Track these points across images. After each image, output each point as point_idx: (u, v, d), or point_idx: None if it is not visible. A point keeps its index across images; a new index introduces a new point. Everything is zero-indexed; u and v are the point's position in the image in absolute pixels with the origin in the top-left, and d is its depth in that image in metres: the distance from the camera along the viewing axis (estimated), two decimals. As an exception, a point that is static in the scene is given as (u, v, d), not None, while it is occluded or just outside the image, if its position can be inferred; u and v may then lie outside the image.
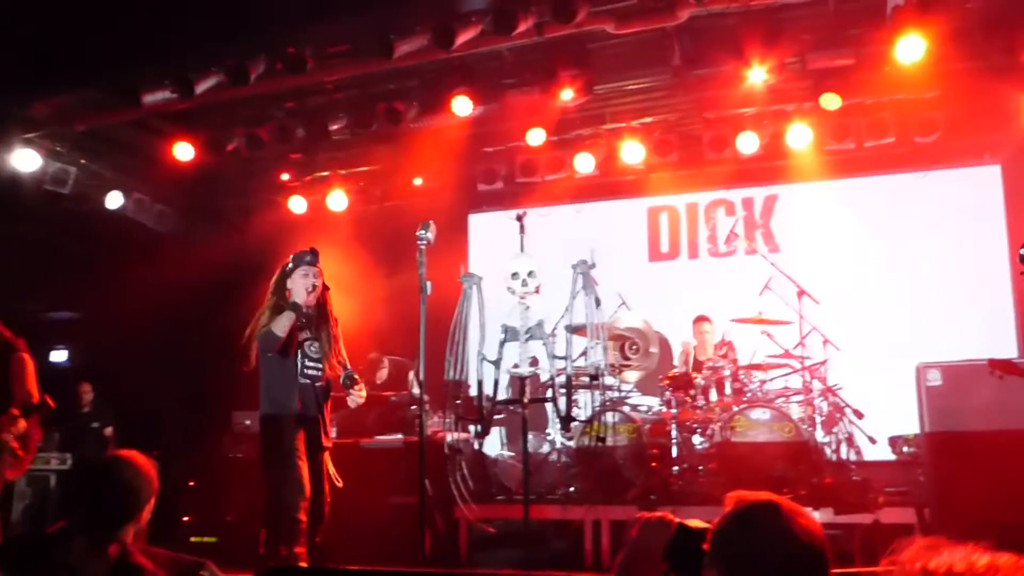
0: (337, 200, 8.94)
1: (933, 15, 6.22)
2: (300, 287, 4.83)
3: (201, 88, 6.88)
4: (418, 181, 8.83)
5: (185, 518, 7.54)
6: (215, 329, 8.53)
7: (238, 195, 9.01)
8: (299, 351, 4.83)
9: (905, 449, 6.73)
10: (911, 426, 6.37)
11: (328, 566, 4.87)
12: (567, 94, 7.08)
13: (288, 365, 4.82)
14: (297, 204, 9.00)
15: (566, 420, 4.66)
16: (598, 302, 4.62)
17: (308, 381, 4.87)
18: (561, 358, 4.80)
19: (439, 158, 8.21)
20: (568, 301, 4.79)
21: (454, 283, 5.42)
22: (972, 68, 6.80)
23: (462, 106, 7.17)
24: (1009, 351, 7.37)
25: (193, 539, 7.15)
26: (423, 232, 4.64)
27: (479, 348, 4.72)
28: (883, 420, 6.97)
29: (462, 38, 6.40)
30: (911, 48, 6.33)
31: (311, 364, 4.89)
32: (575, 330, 4.88)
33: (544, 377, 5.53)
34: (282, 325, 4.72)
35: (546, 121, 7.82)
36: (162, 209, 8.90)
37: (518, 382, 4.78)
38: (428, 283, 4.54)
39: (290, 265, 4.94)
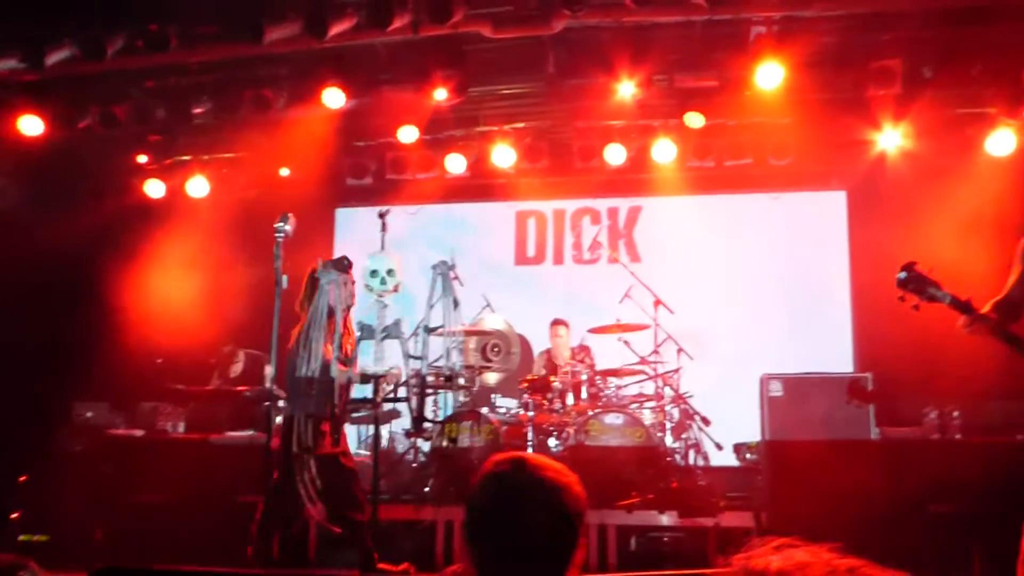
0: (198, 186, 8.61)
1: (791, 45, 6.56)
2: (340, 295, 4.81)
3: (53, 60, 6.49)
4: (284, 172, 8.60)
5: (13, 515, 7.08)
6: (56, 316, 8.07)
7: (90, 176, 8.52)
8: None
9: (748, 456, 7.05)
10: (755, 434, 6.70)
11: (160, 567, 4.66)
12: (441, 94, 7.07)
13: None
14: (155, 188, 8.61)
15: (417, 421, 4.63)
16: (456, 304, 4.61)
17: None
18: (417, 358, 4.78)
19: (307, 149, 8.03)
20: (427, 302, 4.76)
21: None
22: (824, 99, 7.21)
23: (333, 98, 7.05)
24: (845, 365, 7.86)
25: (22, 537, 6.72)
26: (281, 224, 4.52)
27: (335, 344, 4.64)
28: (730, 427, 7.28)
29: (335, 29, 6.29)
30: (770, 75, 6.65)
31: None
32: (432, 331, 4.86)
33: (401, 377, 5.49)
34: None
35: (419, 119, 7.78)
36: (3, 183, 8.32)
37: (372, 381, 4.71)
38: (284, 277, 4.43)
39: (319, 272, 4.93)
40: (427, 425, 4.98)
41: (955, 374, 5.74)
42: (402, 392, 5.13)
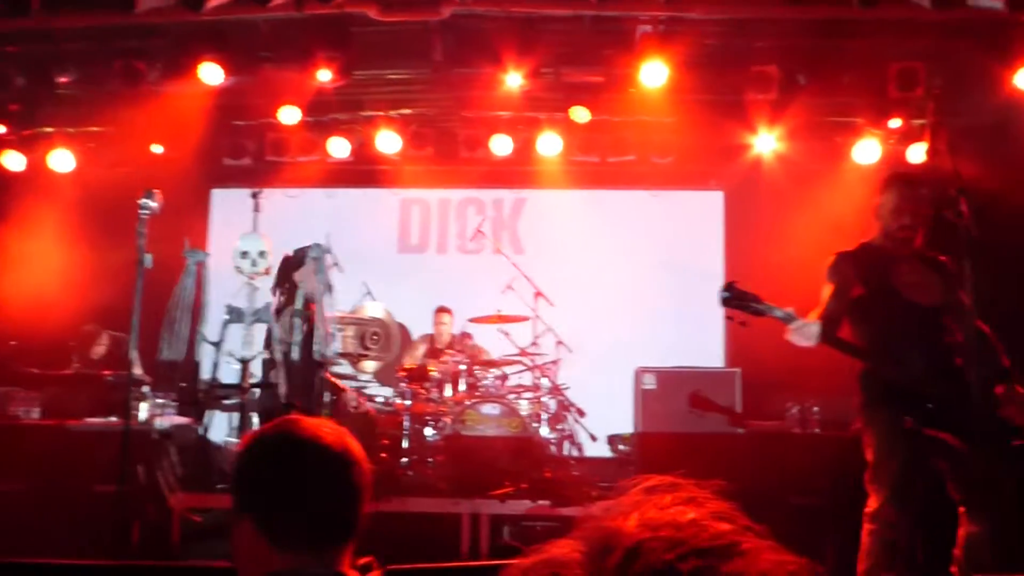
0: (61, 160, 8.12)
1: (675, 45, 6.70)
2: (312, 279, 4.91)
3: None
4: (157, 148, 8.22)
5: None
6: None
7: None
8: None
9: (621, 447, 7.18)
10: (629, 426, 6.83)
11: (12, 560, 4.38)
12: (324, 75, 6.89)
13: None
14: (13, 160, 8.08)
15: (286, 408, 4.50)
16: (330, 288, 4.50)
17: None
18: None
19: (182, 126, 7.69)
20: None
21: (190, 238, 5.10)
22: (705, 100, 7.39)
23: (210, 74, 6.77)
24: (716, 360, 8.10)
25: None
26: (146, 201, 4.30)
27: (199, 328, 4.45)
28: (605, 419, 7.39)
29: (214, 1, 6.05)
30: (654, 73, 6.77)
31: None
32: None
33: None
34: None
35: (301, 100, 7.57)
36: None
37: (241, 366, 4.54)
38: (148, 256, 4.21)
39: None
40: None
41: (816, 371, 5.97)
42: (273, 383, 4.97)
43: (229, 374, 4.90)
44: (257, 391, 4.86)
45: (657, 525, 0.64)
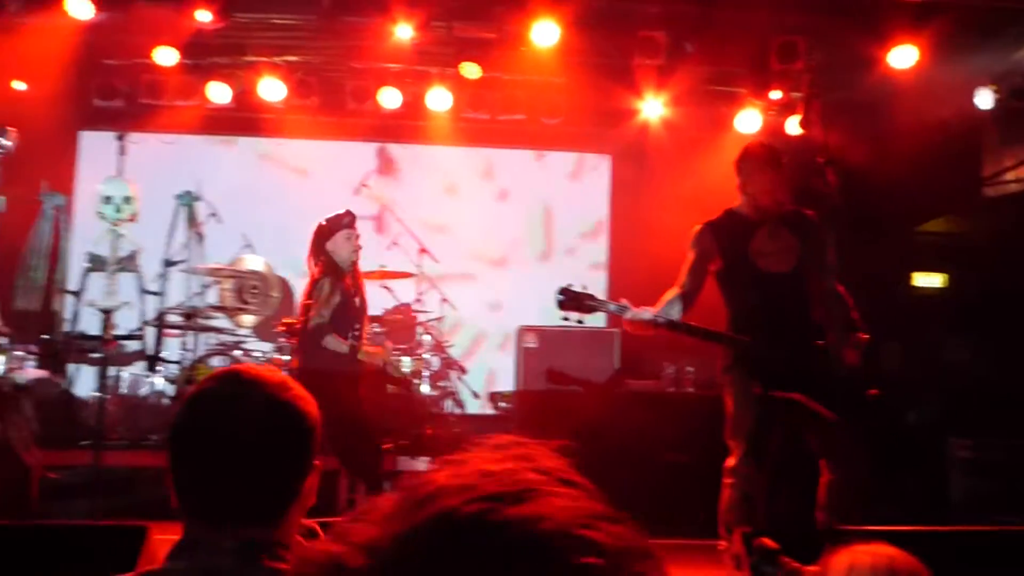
0: (-91, 92, 7.51)
1: (566, 4, 6.67)
2: (345, 249, 4.87)
3: None
4: (19, 85, 7.69)
5: None
6: None
7: None
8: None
9: (502, 404, 7.25)
10: (511, 383, 6.90)
11: None
12: (204, 15, 6.56)
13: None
14: None
15: (152, 360, 4.32)
16: (201, 237, 4.32)
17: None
18: (154, 294, 4.44)
19: (47, 62, 7.20)
20: (167, 234, 4.43)
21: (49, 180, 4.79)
22: (595, 63, 7.41)
23: (78, 7, 6.36)
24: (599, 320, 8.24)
25: None
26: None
27: (57, 276, 4.20)
28: (488, 377, 7.44)
29: (82, -72, 5.66)
30: (545, 32, 6.73)
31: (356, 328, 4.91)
32: (172, 264, 4.54)
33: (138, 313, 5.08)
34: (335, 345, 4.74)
35: (178, 41, 7.19)
36: None
37: (103, 316, 4.32)
38: (2, 199, 3.93)
39: (329, 225, 4.95)
40: (165, 366, 4.65)
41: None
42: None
43: (89, 325, 4.66)
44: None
45: (464, 475, 0.63)
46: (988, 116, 7.12)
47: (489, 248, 8.55)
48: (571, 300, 3.62)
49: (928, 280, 8.01)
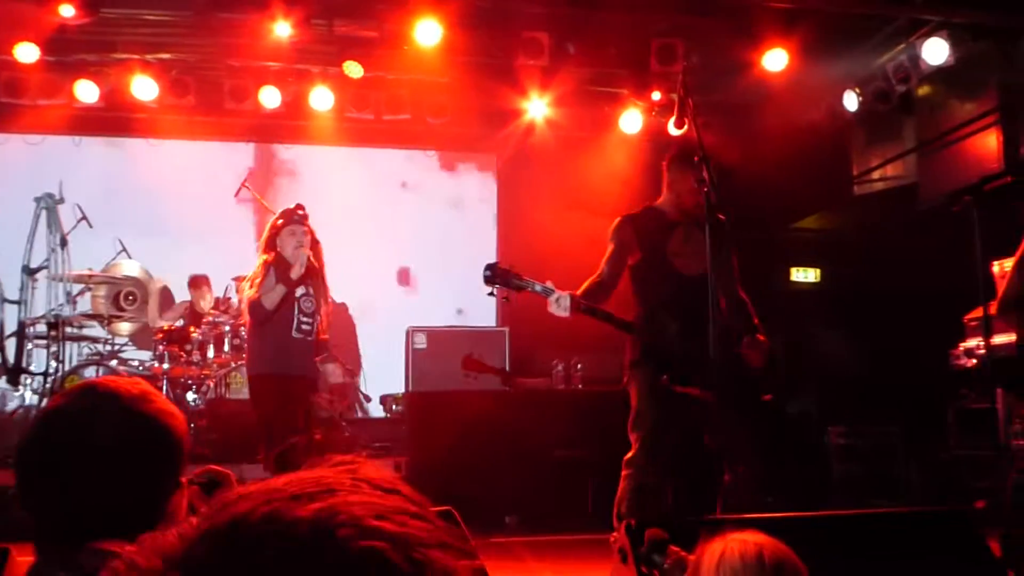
0: None
1: (446, 4, 6.65)
2: (289, 244, 4.91)
3: None
4: None
5: None
6: None
7: None
8: (295, 306, 4.91)
9: (395, 407, 7.18)
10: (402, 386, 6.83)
11: None
12: (67, 10, 6.26)
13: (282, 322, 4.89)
14: None
15: (14, 372, 4.07)
16: (64, 242, 4.10)
17: (301, 336, 4.95)
18: (13, 302, 4.19)
19: None
20: (27, 239, 4.19)
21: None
22: (480, 62, 7.42)
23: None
24: (490, 319, 8.26)
25: None
26: None
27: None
28: (380, 380, 7.35)
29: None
30: (428, 32, 6.70)
31: (305, 320, 4.97)
32: (32, 272, 4.29)
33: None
34: (272, 300, 4.78)
35: (40, 37, 6.82)
36: None
37: None
38: None
39: (280, 221, 5.06)
40: (32, 379, 4.39)
41: (581, 330, 6.22)
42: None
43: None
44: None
45: (268, 486, 0.62)
46: (854, 118, 7.48)
47: (377, 249, 8.45)
48: (497, 276, 3.61)
49: (804, 275, 8.37)
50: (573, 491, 5.81)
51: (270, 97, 7.59)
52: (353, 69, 7.21)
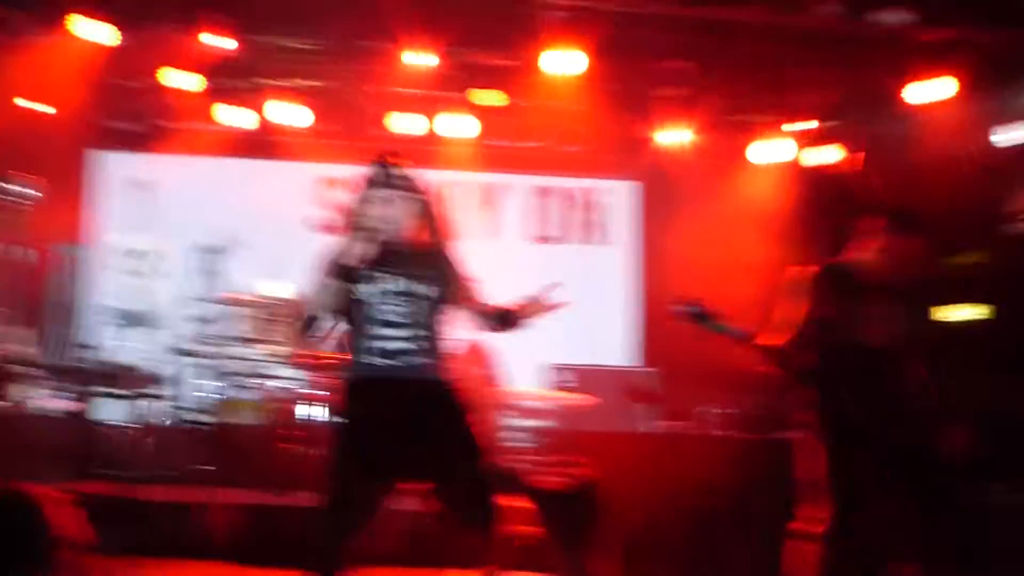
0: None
1: (588, 32, 6.58)
2: (376, 217, 3.14)
3: None
4: (31, 104, 7.56)
5: None
6: None
7: None
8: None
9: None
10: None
11: None
12: (219, 39, 6.50)
13: None
14: None
15: (182, 420, 4.18)
16: (236, 302, 4.18)
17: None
18: (184, 353, 4.31)
19: (59, 81, 7.07)
20: (192, 285, 4.31)
21: (70, 226, 4.68)
22: (617, 90, 7.30)
23: (90, 29, 6.28)
24: (622, 357, 8.08)
25: None
26: (9, 186, 3.82)
27: (75, 328, 4.08)
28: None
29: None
30: (566, 60, 6.66)
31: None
32: (198, 317, 4.42)
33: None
34: (323, 302, 3.17)
35: (195, 64, 7.09)
36: None
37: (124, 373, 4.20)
38: (19, 248, 3.80)
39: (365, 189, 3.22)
40: (192, 408, 4.53)
41: (728, 371, 6.00)
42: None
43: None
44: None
45: None
46: (1017, 152, 7.02)
47: (514, 279, 8.36)
48: (691, 314, 3.44)
49: (961, 313, 7.84)
50: (712, 542, 5.60)
51: (410, 124, 7.68)
52: (490, 98, 7.24)
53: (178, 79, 7.15)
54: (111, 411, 6.70)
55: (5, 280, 3.77)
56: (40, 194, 3.88)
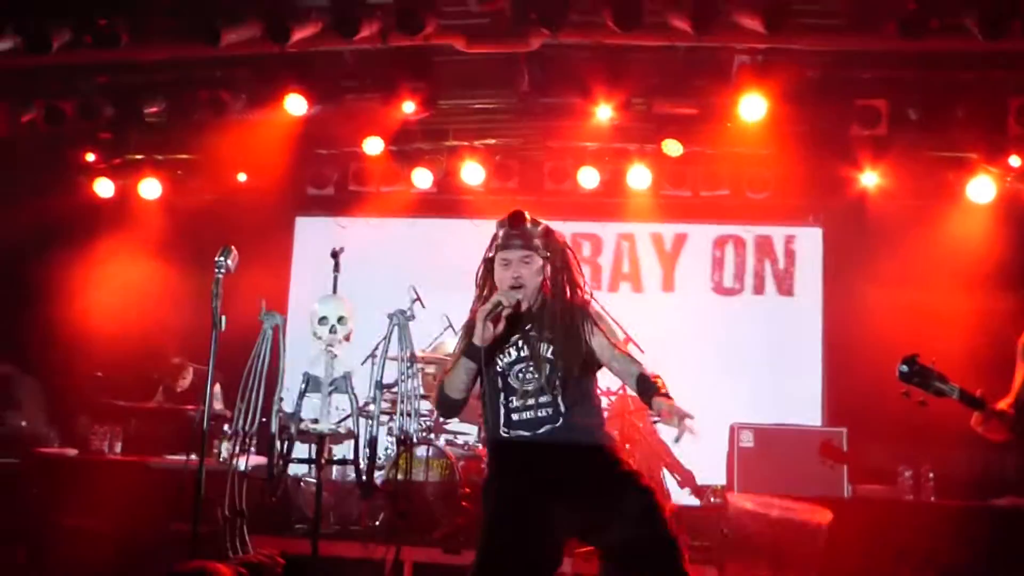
0: (150, 188, 8.18)
1: (774, 77, 6.34)
2: (503, 281, 3.08)
3: (-6, 51, 6.05)
4: (242, 177, 8.20)
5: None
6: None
7: (33, 171, 8.03)
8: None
9: (713, 499, 6.81)
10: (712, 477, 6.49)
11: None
12: (408, 106, 6.77)
13: None
14: (103, 187, 8.18)
15: (366, 487, 4.28)
16: (413, 359, 4.27)
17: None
18: (367, 416, 4.42)
19: (267, 155, 7.65)
20: (380, 355, 4.42)
21: (272, 292, 4.94)
22: (805, 133, 6.98)
23: (295, 104, 6.71)
24: (814, 418, 7.57)
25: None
26: (222, 259, 4.11)
27: (276, 396, 4.27)
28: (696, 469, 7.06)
29: (299, 35, 5.92)
30: (752, 106, 6.44)
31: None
32: (386, 388, 4.52)
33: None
34: (456, 384, 3.05)
35: (384, 130, 7.43)
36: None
37: (316, 439, 4.34)
38: (223, 318, 4.04)
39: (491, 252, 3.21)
40: (377, 466, 4.61)
41: (929, 430, 5.50)
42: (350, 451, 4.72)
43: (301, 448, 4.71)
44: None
45: None
46: None
47: (696, 332, 8.11)
48: (917, 374, 3.14)
49: None
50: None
51: (588, 178, 7.67)
52: (672, 147, 7.10)
53: (371, 146, 7.49)
54: (302, 471, 7.03)
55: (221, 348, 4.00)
56: (233, 263, 4.09)
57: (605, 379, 6.84)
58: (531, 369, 2.97)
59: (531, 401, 2.95)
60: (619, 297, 8.21)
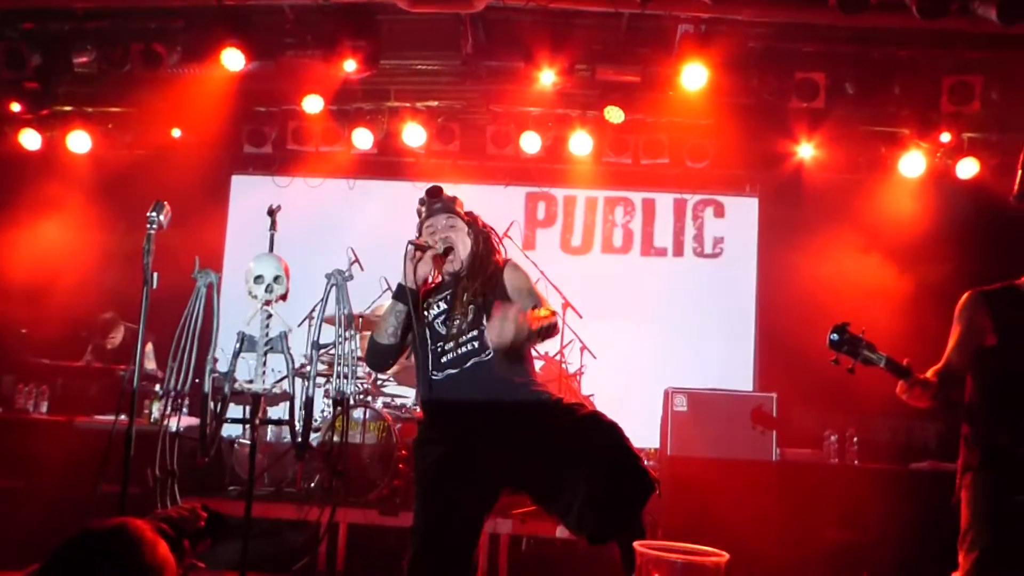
0: (79, 140, 7.92)
1: (715, 47, 6.39)
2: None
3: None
4: (176, 132, 7.98)
5: None
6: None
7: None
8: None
9: (648, 463, 6.92)
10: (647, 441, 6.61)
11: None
12: (350, 65, 6.63)
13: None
14: (29, 139, 7.88)
15: (301, 447, 4.25)
16: (351, 319, 4.23)
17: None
18: (303, 377, 4.39)
19: (202, 111, 7.44)
20: (317, 316, 4.37)
21: (206, 250, 4.84)
22: (745, 104, 7.05)
23: (232, 60, 6.52)
24: (745, 382, 7.78)
25: None
26: (154, 215, 4.00)
27: (211, 355, 4.20)
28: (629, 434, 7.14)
29: (238, -13, 5.78)
30: (694, 75, 6.48)
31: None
32: (322, 347, 4.48)
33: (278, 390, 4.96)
34: (386, 328, 3.16)
35: (325, 89, 7.30)
36: None
37: (251, 399, 4.28)
38: (155, 275, 3.94)
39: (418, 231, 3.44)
40: (313, 428, 4.58)
41: (854, 396, 5.68)
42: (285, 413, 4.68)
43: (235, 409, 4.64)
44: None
45: None
46: None
47: (632, 297, 8.24)
48: (846, 343, 3.18)
49: None
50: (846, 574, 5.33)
51: (530, 142, 7.66)
52: (614, 114, 7.11)
53: (310, 104, 7.36)
54: (235, 432, 6.96)
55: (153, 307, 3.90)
56: (166, 219, 3.99)
57: (543, 346, 6.96)
58: (457, 315, 3.14)
59: (460, 340, 3.12)
60: (558, 260, 8.23)
